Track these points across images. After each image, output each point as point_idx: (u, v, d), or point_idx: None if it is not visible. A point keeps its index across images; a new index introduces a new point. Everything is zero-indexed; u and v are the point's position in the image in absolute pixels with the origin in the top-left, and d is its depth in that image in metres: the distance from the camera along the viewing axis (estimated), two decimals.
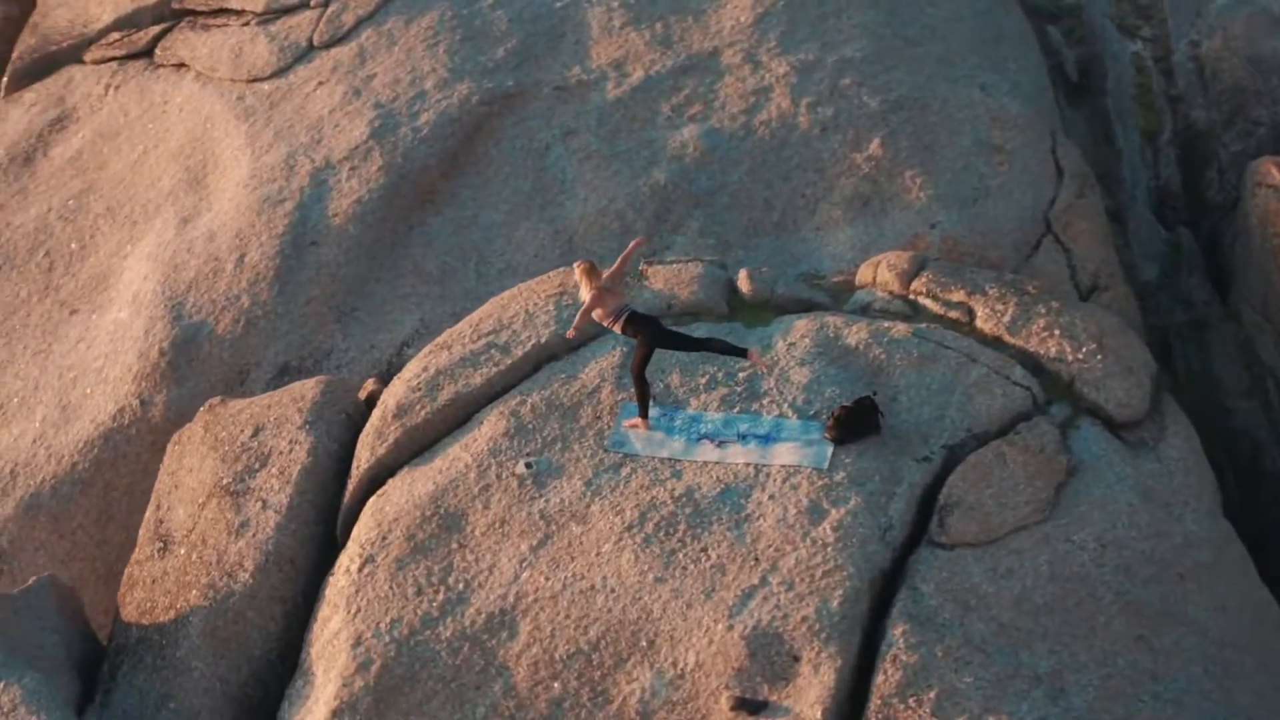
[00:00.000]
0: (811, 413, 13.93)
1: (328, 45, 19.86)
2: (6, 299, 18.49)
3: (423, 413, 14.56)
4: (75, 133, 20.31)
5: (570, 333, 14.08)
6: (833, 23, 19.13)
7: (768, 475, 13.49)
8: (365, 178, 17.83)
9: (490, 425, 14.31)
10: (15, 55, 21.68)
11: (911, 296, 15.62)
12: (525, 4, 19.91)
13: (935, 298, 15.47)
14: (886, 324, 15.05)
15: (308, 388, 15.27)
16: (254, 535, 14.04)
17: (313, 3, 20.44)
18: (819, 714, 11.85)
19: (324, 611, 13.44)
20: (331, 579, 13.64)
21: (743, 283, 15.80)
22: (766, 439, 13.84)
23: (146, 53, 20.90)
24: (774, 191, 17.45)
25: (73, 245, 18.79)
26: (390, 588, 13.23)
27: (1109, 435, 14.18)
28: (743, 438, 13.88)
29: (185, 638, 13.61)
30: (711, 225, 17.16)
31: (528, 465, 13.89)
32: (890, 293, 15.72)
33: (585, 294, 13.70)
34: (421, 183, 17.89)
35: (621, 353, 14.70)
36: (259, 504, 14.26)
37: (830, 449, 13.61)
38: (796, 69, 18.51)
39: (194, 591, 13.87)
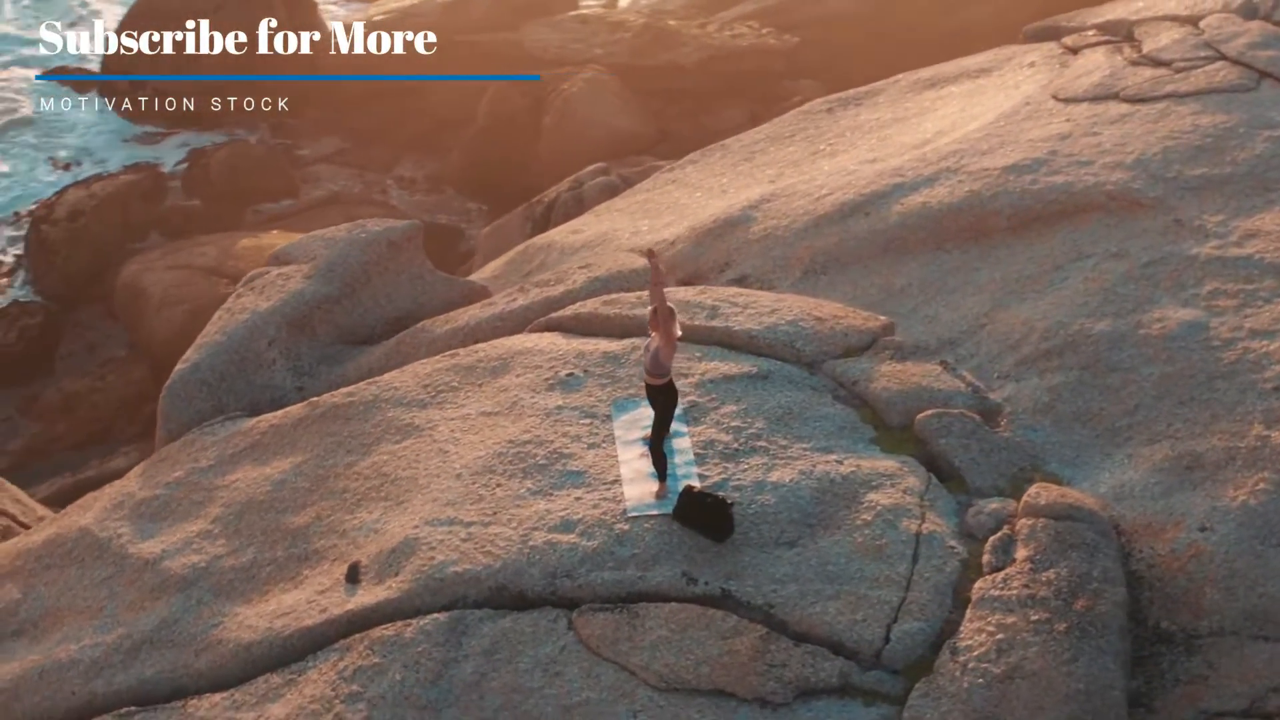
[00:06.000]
0: (721, 493, 13.43)
1: (1124, 99, 19.40)
2: (786, 155, 22.11)
3: (612, 311, 16.32)
4: (954, 83, 22.37)
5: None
6: None
7: (609, 489, 13.68)
8: (952, 190, 18.11)
9: (610, 344, 15.73)
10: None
11: (1006, 524, 13.33)
12: None
13: (1008, 538, 13.15)
14: (933, 516, 13.33)
15: (633, 259, 17.55)
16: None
17: (1176, 66, 19.80)
18: (338, 611, 13.08)
19: None
20: None
21: (919, 419, 14.52)
22: (666, 476, 13.73)
23: (1068, 50, 21.89)
24: (1153, 407, 14.72)
25: (833, 144, 21.58)
26: (412, 376, 16.03)
27: None
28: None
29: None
30: (1062, 388, 15.10)
31: (569, 375, 15.30)
32: (1005, 509, 13.52)
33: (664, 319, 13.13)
34: (985, 222, 17.69)
35: (742, 374, 14.95)
36: (515, 298, 17.45)
37: (655, 510, 13.34)
38: None
39: None
